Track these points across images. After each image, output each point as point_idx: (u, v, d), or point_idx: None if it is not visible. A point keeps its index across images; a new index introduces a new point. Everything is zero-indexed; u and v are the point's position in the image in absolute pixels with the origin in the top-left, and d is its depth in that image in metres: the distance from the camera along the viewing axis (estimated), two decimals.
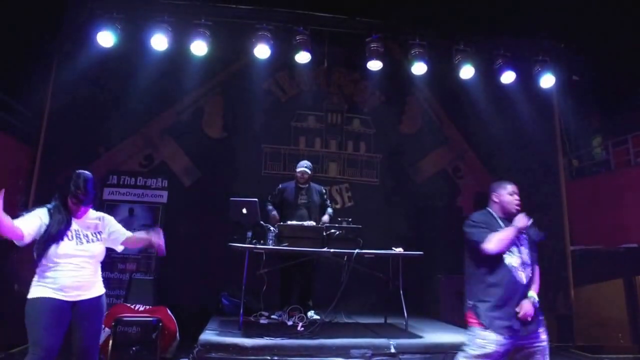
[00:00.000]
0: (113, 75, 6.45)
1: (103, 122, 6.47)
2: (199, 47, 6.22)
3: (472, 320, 2.83)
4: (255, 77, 6.87)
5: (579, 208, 6.93)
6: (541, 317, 2.87)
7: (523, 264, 2.83)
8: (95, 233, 2.95)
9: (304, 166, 5.45)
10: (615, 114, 7.08)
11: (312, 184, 5.55)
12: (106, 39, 5.98)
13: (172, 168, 6.66)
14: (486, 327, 2.73)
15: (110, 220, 3.10)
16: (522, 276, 2.80)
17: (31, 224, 2.73)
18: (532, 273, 2.86)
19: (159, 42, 6.09)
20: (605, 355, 5.58)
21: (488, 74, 7.01)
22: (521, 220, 2.83)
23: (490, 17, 6.83)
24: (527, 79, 7.04)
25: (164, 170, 6.52)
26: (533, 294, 2.82)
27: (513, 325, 2.72)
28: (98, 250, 2.93)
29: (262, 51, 6.33)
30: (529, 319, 2.74)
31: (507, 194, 2.97)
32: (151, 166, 6.62)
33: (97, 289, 2.94)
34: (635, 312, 6.56)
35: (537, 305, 2.80)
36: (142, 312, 4.63)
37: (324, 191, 5.58)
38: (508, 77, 6.85)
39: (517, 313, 2.73)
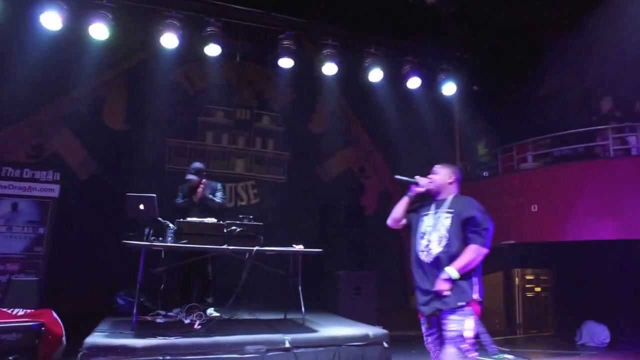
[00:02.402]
0: None
1: None
2: (99, 31, 5.82)
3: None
4: (162, 67, 6.56)
5: None
6: None
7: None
8: None
9: (190, 173, 5.26)
10: (504, 124, 7.75)
11: (208, 182, 5.37)
12: None
13: (67, 160, 6.20)
14: None
15: None
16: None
17: None
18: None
19: (51, 20, 5.59)
20: None
21: (396, 78, 7.28)
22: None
23: (402, 24, 7.10)
24: (431, 86, 7.41)
25: (56, 163, 6.04)
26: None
27: None
28: None
29: (169, 40, 6.08)
30: None
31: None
32: (41, 157, 6.10)
33: None
34: (510, 300, 7.43)
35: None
36: (21, 316, 4.26)
37: (219, 187, 5.46)
38: (414, 82, 7.14)
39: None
